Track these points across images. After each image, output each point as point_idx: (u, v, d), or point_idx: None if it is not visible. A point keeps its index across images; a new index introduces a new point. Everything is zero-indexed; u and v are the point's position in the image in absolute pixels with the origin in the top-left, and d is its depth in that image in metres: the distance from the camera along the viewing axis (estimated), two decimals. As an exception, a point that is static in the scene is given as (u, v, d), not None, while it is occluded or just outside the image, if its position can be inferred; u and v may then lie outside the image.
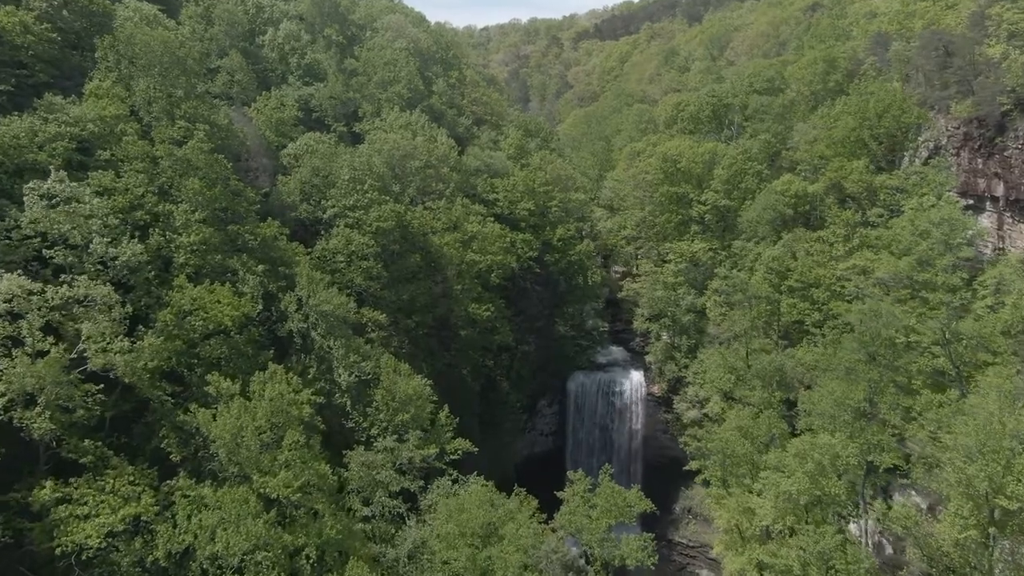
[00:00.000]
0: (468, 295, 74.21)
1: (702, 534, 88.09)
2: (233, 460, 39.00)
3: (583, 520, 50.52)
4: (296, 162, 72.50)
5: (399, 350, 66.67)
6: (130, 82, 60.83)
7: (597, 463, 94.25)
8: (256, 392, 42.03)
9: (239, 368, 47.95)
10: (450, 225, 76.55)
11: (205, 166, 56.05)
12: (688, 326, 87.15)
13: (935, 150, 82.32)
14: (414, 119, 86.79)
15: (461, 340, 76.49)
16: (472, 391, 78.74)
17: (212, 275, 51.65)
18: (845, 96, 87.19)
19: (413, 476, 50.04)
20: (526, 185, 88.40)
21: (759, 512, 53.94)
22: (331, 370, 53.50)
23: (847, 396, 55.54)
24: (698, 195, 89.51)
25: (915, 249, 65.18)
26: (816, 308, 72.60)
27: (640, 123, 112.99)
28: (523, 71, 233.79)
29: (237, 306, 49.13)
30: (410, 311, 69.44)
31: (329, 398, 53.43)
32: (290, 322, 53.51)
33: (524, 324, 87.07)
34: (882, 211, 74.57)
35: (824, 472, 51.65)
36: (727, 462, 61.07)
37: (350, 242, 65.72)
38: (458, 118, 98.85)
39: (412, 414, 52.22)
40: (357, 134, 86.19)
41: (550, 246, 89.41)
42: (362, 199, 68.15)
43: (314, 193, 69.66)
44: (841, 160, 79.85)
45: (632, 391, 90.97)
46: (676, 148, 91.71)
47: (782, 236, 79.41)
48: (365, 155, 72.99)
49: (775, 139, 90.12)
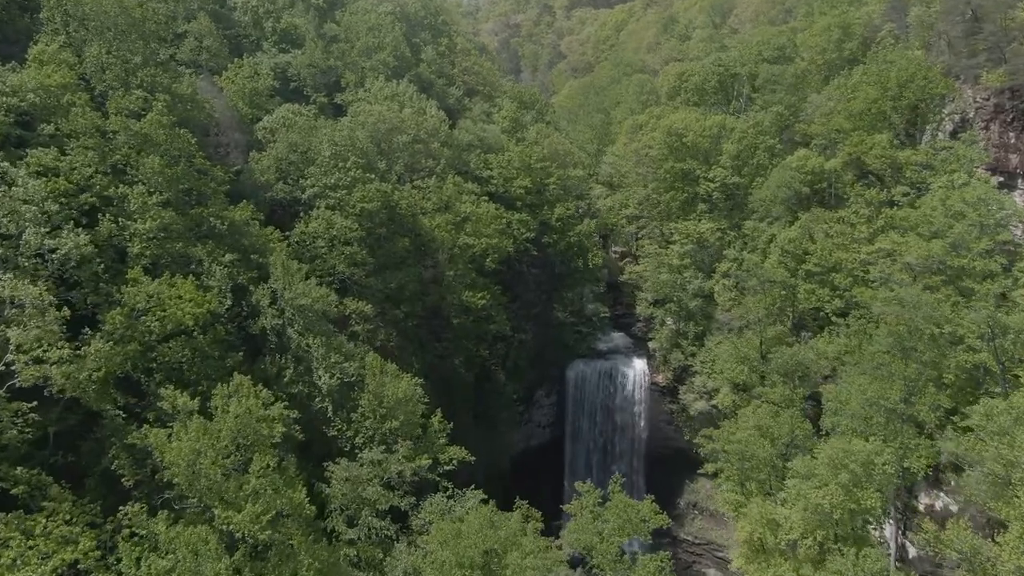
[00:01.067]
0: (461, 282, 68.40)
1: (709, 531, 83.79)
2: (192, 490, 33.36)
3: (593, 538, 45.36)
4: (271, 137, 66.11)
5: (386, 344, 61.07)
6: (81, 47, 54.14)
7: (597, 456, 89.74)
8: (219, 408, 36.22)
9: (204, 373, 42.13)
10: (441, 205, 70.46)
11: (166, 141, 49.80)
12: (695, 312, 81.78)
13: (961, 123, 76.70)
14: (401, 89, 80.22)
15: (454, 329, 70.90)
16: (466, 383, 73.41)
17: (173, 267, 45.62)
18: (863, 65, 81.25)
19: (403, 492, 44.62)
20: (522, 161, 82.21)
21: (785, 524, 48.99)
22: (310, 371, 47.75)
23: (881, 395, 50.44)
24: (705, 172, 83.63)
25: (949, 232, 59.71)
26: (837, 295, 67.24)
27: (641, 94, 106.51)
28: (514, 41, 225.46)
29: (201, 302, 43.16)
30: (398, 300, 63.65)
31: (308, 402, 47.79)
32: (263, 318, 47.61)
33: (520, 311, 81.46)
34: (907, 189, 69.06)
35: (859, 483, 46.72)
36: (745, 465, 56.11)
37: (331, 225, 59.64)
38: (448, 88, 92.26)
39: (401, 421, 46.68)
40: (339, 106, 79.62)
41: (548, 226, 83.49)
42: (344, 178, 61.94)
43: (291, 171, 63.39)
44: (861, 134, 74.09)
45: (635, 380, 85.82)
46: (682, 121, 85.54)
47: (799, 216, 73.83)
48: (347, 129, 66.65)
49: (787, 111, 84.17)
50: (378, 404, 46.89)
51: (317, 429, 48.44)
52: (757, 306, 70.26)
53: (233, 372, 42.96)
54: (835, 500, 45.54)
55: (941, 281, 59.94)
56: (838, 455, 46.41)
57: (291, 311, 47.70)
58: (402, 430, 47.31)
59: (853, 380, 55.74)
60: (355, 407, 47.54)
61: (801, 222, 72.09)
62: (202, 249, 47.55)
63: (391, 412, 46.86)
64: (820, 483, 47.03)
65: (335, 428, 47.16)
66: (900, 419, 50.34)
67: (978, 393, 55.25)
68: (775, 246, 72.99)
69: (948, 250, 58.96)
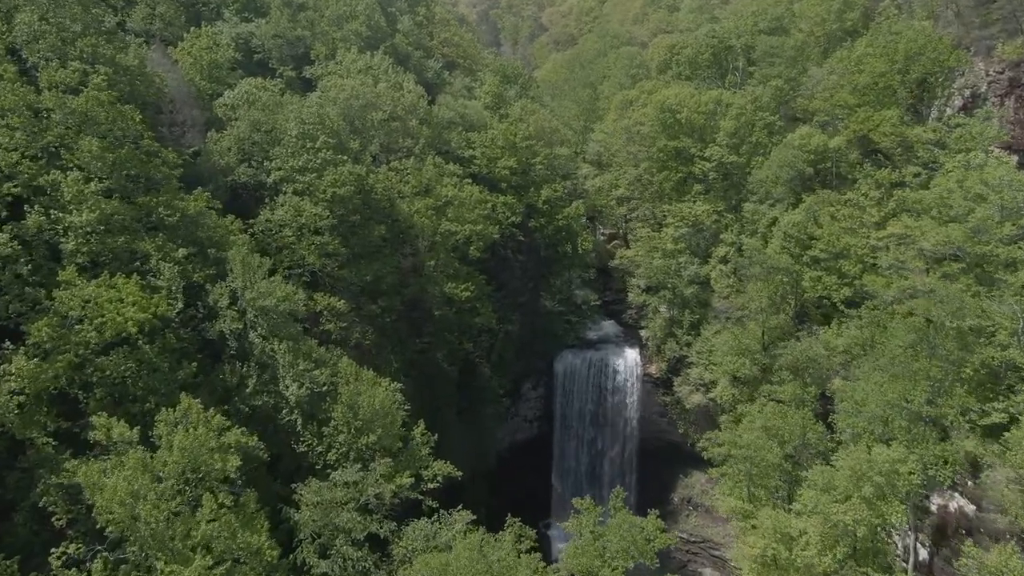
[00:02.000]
0: (444, 272, 63.20)
1: (704, 528, 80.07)
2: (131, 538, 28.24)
3: (594, 561, 40.88)
4: (233, 114, 60.13)
5: (362, 341, 55.92)
6: (10, 13, 47.77)
7: (587, 451, 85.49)
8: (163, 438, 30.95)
9: (151, 388, 36.77)
10: (421, 189, 64.91)
11: (108, 121, 43.79)
12: (690, 299, 77.23)
13: (972, 99, 72.42)
14: (376, 62, 74.21)
15: (435, 322, 65.77)
16: (449, 378, 68.55)
17: (115, 265, 39.98)
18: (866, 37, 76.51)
19: (382, 516, 39.72)
20: (506, 140, 76.69)
21: (800, 540, 44.88)
22: (276, 380, 42.47)
23: (903, 397, 46.25)
24: (700, 150, 78.73)
25: (970, 216, 55.40)
26: (846, 283, 62.92)
27: (630, 68, 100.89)
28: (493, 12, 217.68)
29: (147, 305, 37.67)
30: (375, 294, 58.36)
31: (275, 415, 42.60)
32: (221, 321, 42.14)
33: (506, 299, 76.44)
34: (919, 169, 64.66)
35: (884, 496, 42.65)
36: (753, 471, 51.91)
37: (300, 212, 54.12)
38: (426, 61, 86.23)
39: (379, 434, 41.66)
40: (308, 80, 73.56)
41: (535, 209, 78.28)
42: (314, 160, 56.25)
43: (255, 152, 57.60)
44: (867, 110, 69.48)
45: (627, 372, 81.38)
46: (675, 96, 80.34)
47: (802, 198, 69.25)
48: (317, 106, 60.74)
49: (788, 86, 79.29)
50: (353, 416, 41.83)
51: (285, 443, 43.35)
52: (760, 295, 65.77)
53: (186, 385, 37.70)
54: (859, 515, 41.46)
55: (960, 269, 55.90)
56: (861, 466, 42.20)
57: (253, 313, 42.32)
58: (380, 443, 42.33)
59: (869, 378, 51.57)
60: (327, 419, 42.41)
61: (806, 205, 67.48)
62: (150, 243, 41.90)
63: (367, 425, 41.82)
64: (841, 496, 42.92)
65: (305, 443, 42.04)
66: (924, 423, 46.25)
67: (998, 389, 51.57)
68: (778, 230, 68.45)
69: (969, 235, 54.72)
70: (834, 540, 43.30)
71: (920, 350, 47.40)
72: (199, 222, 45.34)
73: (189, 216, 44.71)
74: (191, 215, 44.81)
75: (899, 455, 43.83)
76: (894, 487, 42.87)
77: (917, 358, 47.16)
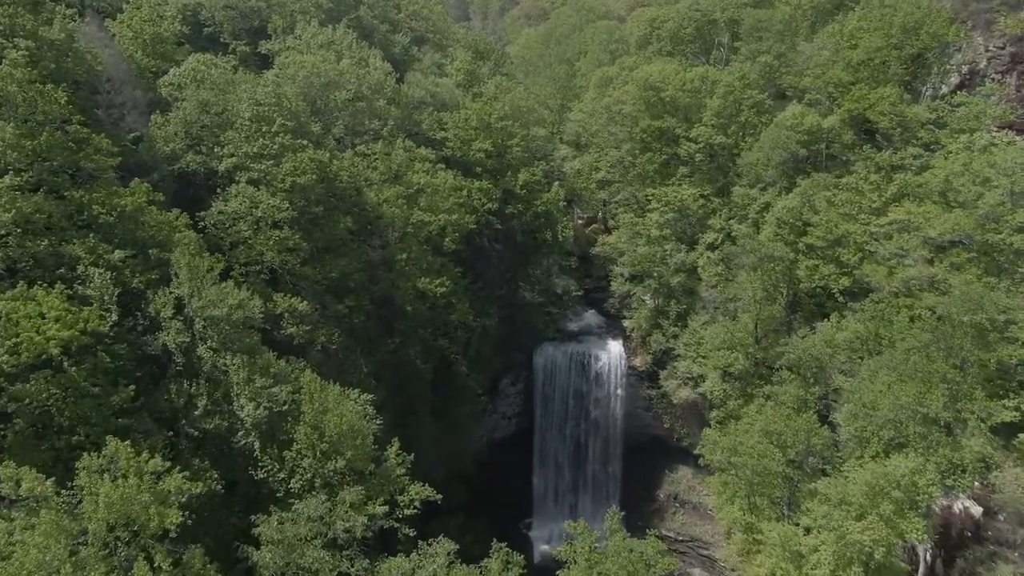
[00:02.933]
0: (416, 266, 58.28)
1: (692, 526, 76.91)
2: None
3: (591, 594, 36.90)
4: (179, 94, 54.27)
5: (328, 346, 51.06)
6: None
7: (569, 448, 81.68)
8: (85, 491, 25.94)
9: (80, 417, 31.61)
10: (390, 176, 59.71)
11: (25, 103, 37.98)
12: (677, 289, 73.32)
13: (970, 75, 69.16)
14: (338, 37, 68.52)
15: (408, 318, 61.00)
16: (423, 378, 64.05)
17: (37, 272, 34.52)
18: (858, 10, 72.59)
19: (353, 552, 35.17)
20: (481, 120, 71.51)
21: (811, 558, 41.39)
22: (230, 399, 37.46)
23: (919, 401, 42.80)
24: (686, 131, 74.39)
25: (979, 202, 51.98)
26: (844, 272, 59.38)
27: (608, 44, 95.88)
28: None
29: (74, 321, 32.36)
30: (341, 292, 53.39)
31: (229, 438, 37.67)
32: (165, 334, 36.95)
33: (483, 291, 71.84)
34: (920, 151, 61.12)
35: (903, 512, 39.23)
36: (755, 480, 48.27)
37: (255, 204, 48.80)
38: (393, 36, 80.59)
39: (348, 458, 36.99)
40: (264, 56, 67.65)
41: (512, 195, 73.39)
42: (271, 145, 50.84)
43: (205, 137, 51.95)
44: (863, 87, 65.66)
45: (610, 365, 77.51)
46: (659, 74, 75.69)
47: (796, 182, 65.43)
48: (273, 84, 55.10)
49: (777, 62, 75.13)
50: (318, 437, 37.07)
51: (242, 468, 38.52)
52: (754, 285, 62.02)
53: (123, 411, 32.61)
54: (878, 535, 37.99)
55: (968, 259, 52.61)
56: (880, 481, 38.66)
57: (201, 323, 37.17)
58: (350, 465, 37.69)
59: (875, 377, 48.18)
60: (289, 442, 37.57)
61: (800, 189, 63.66)
62: (80, 246, 36.43)
63: (335, 447, 37.11)
64: (857, 512, 39.41)
65: (264, 469, 37.20)
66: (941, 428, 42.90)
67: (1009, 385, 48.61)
68: (770, 216, 64.59)
69: (980, 223, 51.31)
70: (848, 560, 39.85)
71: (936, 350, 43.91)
72: (138, 219, 39.82)
73: (127, 212, 39.15)
74: (129, 211, 39.25)
75: (916, 465, 40.46)
76: (914, 502, 39.50)
77: (933, 359, 43.67)
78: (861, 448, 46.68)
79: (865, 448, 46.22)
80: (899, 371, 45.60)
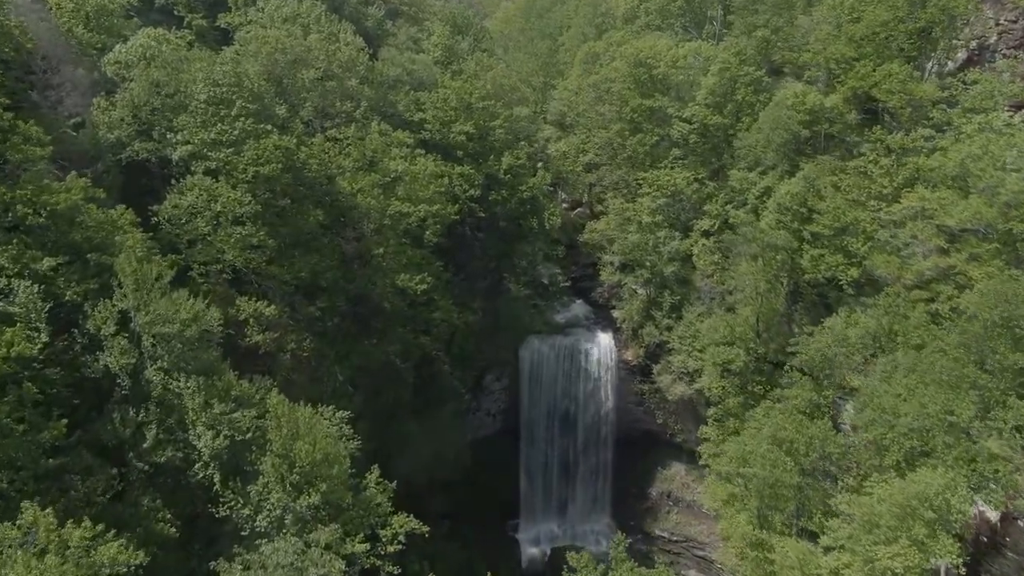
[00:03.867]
0: (395, 261, 53.58)
1: (687, 526, 73.70)
2: None
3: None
4: (127, 74, 48.71)
5: (298, 352, 46.40)
6: None
7: (557, 447, 77.93)
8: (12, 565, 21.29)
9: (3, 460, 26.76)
10: (364, 162, 54.76)
11: (-65, 86, 32.63)
12: (671, 278, 69.41)
13: (979, 51, 65.36)
14: (305, 9, 63.14)
15: (386, 316, 56.44)
16: (403, 378, 59.81)
17: (-51, 287, 29.47)
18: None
19: (330, 601, 30.93)
20: (461, 100, 66.47)
21: (833, 582, 38.01)
22: (184, 426, 32.77)
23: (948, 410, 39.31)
24: (679, 110, 70.04)
25: (1001, 188, 48.37)
26: (852, 263, 55.75)
27: (594, 18, 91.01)
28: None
29: (-8, 345, 27.44)
30: (312, 292, 48.68)
31: (185, 469, 33.06)
32: (107, 354, 32.06)
33: (465, 283, 67.46)
34: (931, 132, 57.37)
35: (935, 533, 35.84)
36: (766, 492, 44.75)
37: (214, 197, 43.73)
38: (365, 9, 74.94)
39: (323, 491, 32.58)
40: (224, 31, 61.92)
41: (495, 180, 68.65)
42: (230, 130, 45.68)
43: (156, 122, 46.60)
44: (867, 63, 61.62)
45: (600, 359, 73.67)
46: (650, 49, 71.11)
47: (798, 165, 61.49)
48: (233, 62, 49.70)
49: (775, 36, 70.84)
50: (288, 469, 32.59)
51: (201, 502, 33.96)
52: (756, 276, 58.18)
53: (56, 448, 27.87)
54: (910, 561, 34.56)
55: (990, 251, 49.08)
56: (912, 502, 35.16)
57: (150, 341, 32.32)
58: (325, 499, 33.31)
59: (892, 379, 44.73)
60: (255, 474, 33.06)
61: (804, 173, 59.71)
62: (4, 254, 31.30)
63: (307, 478, 32.66)
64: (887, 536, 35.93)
65: (226, 506, 32.69)
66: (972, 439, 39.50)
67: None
68: (772, 202, 60.62)
69: (1003, 211, 47.73)
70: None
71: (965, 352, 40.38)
72: (74, 219, 34.68)
73: (60, 212, 34.01)
74: (62, 210, 34.11)
75: (947, 481, 37.04)
76: (947, 522, 36.13)
77: (962, 362, 40.14)
78: (879, 456, 43.29)
79: (884, 456, 42.80)
80: (922, 374, 42.05)
